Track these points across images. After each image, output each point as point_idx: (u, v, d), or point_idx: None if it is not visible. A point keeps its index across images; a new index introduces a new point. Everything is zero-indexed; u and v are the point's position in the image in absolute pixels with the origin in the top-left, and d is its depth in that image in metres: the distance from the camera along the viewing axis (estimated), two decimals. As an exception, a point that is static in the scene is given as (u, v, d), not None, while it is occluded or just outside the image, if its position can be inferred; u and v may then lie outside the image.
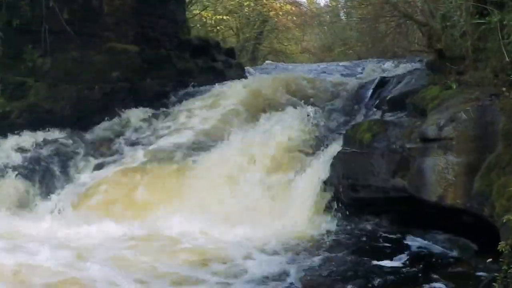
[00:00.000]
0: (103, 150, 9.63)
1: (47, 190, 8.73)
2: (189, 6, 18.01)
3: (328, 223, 7.23)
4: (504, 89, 5.84)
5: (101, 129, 10.24)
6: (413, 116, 7.04)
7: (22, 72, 10.02)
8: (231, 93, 10.87)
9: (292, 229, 7.18)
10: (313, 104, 9.85)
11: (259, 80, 12.24)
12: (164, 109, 10.98)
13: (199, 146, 9.17)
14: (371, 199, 6.86)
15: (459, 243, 6.16)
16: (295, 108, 9.63)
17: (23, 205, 8.44)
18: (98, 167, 9.16)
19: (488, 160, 5.36)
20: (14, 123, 9.67)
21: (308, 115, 9.17)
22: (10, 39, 9.59)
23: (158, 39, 11.94)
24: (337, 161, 7.24)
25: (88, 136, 10.01)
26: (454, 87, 6.56)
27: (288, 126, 9.04)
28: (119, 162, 9.13)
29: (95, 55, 10.68)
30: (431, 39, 8.05)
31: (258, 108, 10.05)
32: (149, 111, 10.74)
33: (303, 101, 10.06)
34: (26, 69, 10.07)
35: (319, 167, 7.87)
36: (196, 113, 10.48)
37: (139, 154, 9.19)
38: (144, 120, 10.52)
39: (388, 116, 7.83)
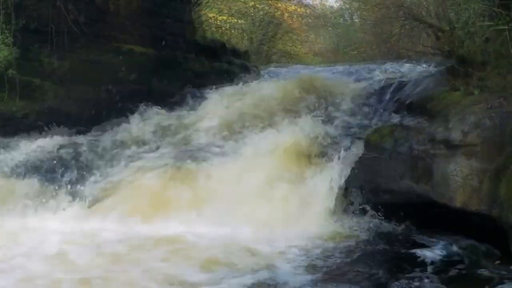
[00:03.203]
0: (116, 152, 9.65)
1: (62, 190, 8.75)
2: (203, 9, 18.05)
3: (347, 227, 7.25)
4: (527, 95, 5.85)
5: (114, 131, 10.26)
6: (435, 121, 7.03)
7: (32, 73, 10.06)
8: (248, 94, 10.90)
9: (310, 232, 7.18)
10: (331, 107, 9.86)
11: (276, 83, 12.23)
12: (178, 111, 11.00)
13: (214, 149, 9.18)
14: (393, 204, 6.86)
15: (482, 249, 6.13)
16: (313, 110, 9.63)
17: (38, 204, 8.48)
18: (112, 168, 9.18)
19: (513, 167, 5.35)
20: (24, 123, 9.72)
21: (326, 118, 9.18)
22: (19, 40, 9.64)
23: (172, 40, 11.92)
24: (359, 165, 7.25)
25: (101, 137, 10.03)
26: (477, 93, 6.57)
27: (306, 128, 9.06)
28: (133, 163, 9.14)
29: (103, 55, 10.68)
30: (452, 44, 8.04)
31: (275, 110, 10.06)
32: (162, 113, 10.75)
33: (321, 104, 10.07)
34: (36, 69, 10.12)
35: (337, 171, 7.87)
36: (212, 115, 10.50)
37: (152, 156, 9.19)
38: (157, 121, 10.53)
39: (408, 121, 7.81)
